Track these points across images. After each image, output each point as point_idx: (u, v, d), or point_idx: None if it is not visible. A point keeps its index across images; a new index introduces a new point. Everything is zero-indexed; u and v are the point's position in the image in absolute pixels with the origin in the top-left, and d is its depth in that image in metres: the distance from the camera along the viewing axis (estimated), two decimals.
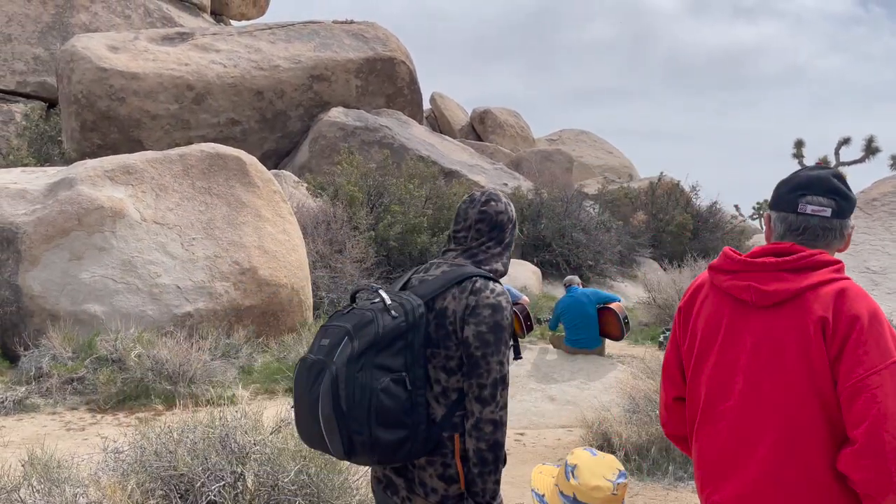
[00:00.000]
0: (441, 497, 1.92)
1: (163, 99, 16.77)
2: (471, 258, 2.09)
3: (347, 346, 1.84)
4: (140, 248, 8.94)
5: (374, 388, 1.83)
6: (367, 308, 1.93)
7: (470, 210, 2.13)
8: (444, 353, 1.94)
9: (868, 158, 27.01)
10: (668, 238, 18.44)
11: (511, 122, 26.82)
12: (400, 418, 1.85)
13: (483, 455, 1.88)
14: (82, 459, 3.40)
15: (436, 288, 1.98)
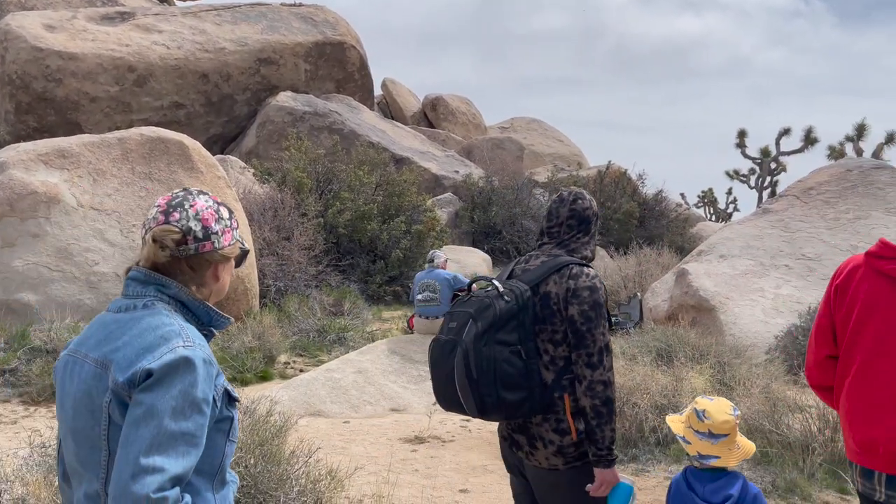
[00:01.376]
0: (557, 447, 2.30)
1: (102, 81, 16.23)
2: (564, 248, 2.46)
3: (473, 327, 2.26)
4: (76, 234, 8.65)
5: (497, 358, 2.24)
6: (484, 295, 2.34)
7: (561, 209, 2.51)
8: (551, 328, 2.32)
9: (807, 148, 27.88)
10: (615, 226, 18.69)
11: (463, 109, 26.79)
12: (519, 382, 2.26)
13: (598, 409, 2.25)
14: (7, 455, 3.26)
15: (539, 275, 2.37)
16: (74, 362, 1.49)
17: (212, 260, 1.55)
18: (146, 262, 1.53)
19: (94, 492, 1.44)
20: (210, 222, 1.54)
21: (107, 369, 1.41)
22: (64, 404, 1.49)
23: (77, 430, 1.45)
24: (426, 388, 6.89)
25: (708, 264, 10.04)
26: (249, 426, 3.61)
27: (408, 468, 4.95)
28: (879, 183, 10.98)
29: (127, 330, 1.45)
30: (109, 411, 1.39)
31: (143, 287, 1.51)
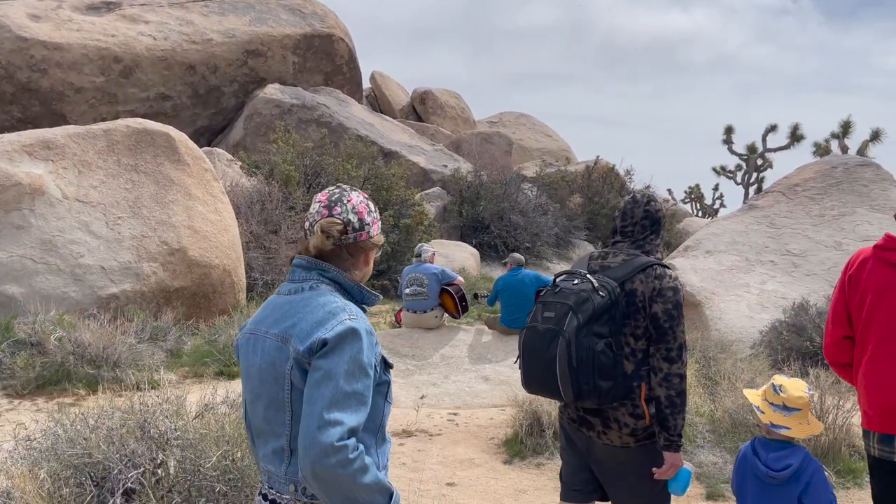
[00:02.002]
0: (631, 429, 2.55)
1: (88, 71, 16.07)
2: (639, 248, 2.67)
3: (573, 319, 2.46)
4: (61, 227, 8.57)
5: (595, 349, 2.46)
6: (579, 289, 2.53)
7: (636, 209, 2.72)
8: (633, 323, 2.54)
9: (793, 145, 28.07)
10: (602, 221, 18.77)
11: (452, 103, 26.75)
12: (611, 372, 2.49)
13: (673, 399, 2.48)
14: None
15: (625, 273, 2.57)
16: (256, 339, 1.73)
17: (365, 247, 1.79)
18: (314, 250, 1.76)
19: (280, 447, 1.69)
20: (364, 214, 1.78)
21: (287, 342, 1.65)
22: (250, 374, 1.74)
23: (264, 394, 1.70)
24: (413, 382, 6.91)
25: (694, 259, 10.11)
26: (236, 419, 3.61)
27: (395, 461, 4.96)
28: (864, 180, 11.08)
29: (300, 309, 1.68)
30: (291, 377, 1.63)
31: (306, 272, 1.75)
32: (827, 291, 9.27)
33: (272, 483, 1.70)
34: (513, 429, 5.37)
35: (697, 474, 4.75)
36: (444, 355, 7.26)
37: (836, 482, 4.58)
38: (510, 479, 4.73)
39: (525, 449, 5.10)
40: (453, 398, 6.63)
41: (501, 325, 7.62)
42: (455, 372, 7.03)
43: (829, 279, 9.58)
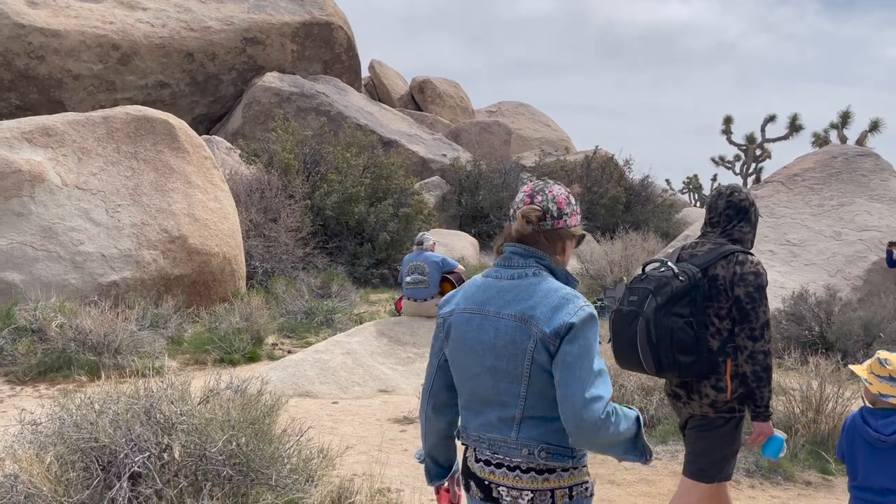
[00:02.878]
0: (711, 401, 2.83)
1: (86, 58, 15.99)
2: (727, 237, 2.92)
3: (652, 301, 2.74)
4: (61, 214, 8.56)
5: (673, 328, 2.73)
6: (661, 275, 2.81)
7: (719, 201, 2.96)
8: (717, 304, 2.81)
9: (792, 136, 28.05)
10: (601, 210, 18.78)
11: (451, 92, 26.67)
12: (690, 347, 2.75)
13: (759, 374, 2.76)
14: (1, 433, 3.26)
15: (708, 260, 2.84)
16: (484, 318, 1.87)
17: (562, 235, 1.92)
18: (516, 235, 1.91)
19: (510, 416, 1.84)
20: (563, 205, 1.92)
21: (528, 323, 1.80)
22: (476, 349, 1.88)
23: (498, 368, 1.84)
24: (414, 370, 6.93)
25: None
26: (241, 405, 3.62)
27: (396, 448, 4.98)
28: (863, 170, 11.09)
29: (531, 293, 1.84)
30: (534, 354, 1.79)
31: (524, 259, 1.89)
32: (826, 281, 9.30)
33: (496, 448, 1.85)
34: None
35: None
36: None
37: (835, 469, 4.61)
38: None
39: None
40: None
41: None
42: None
43: (827, 269, 9.61)
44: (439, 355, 2.01)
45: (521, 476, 1.83)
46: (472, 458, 1.92)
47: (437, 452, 2.07)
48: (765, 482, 4.51)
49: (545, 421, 1.82)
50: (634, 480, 4.53)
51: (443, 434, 2.04)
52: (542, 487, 1.82)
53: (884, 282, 9.41)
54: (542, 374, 1.80)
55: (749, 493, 4.40)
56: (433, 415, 2.03)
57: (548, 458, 1.81)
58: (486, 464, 1.87)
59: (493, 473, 1.86)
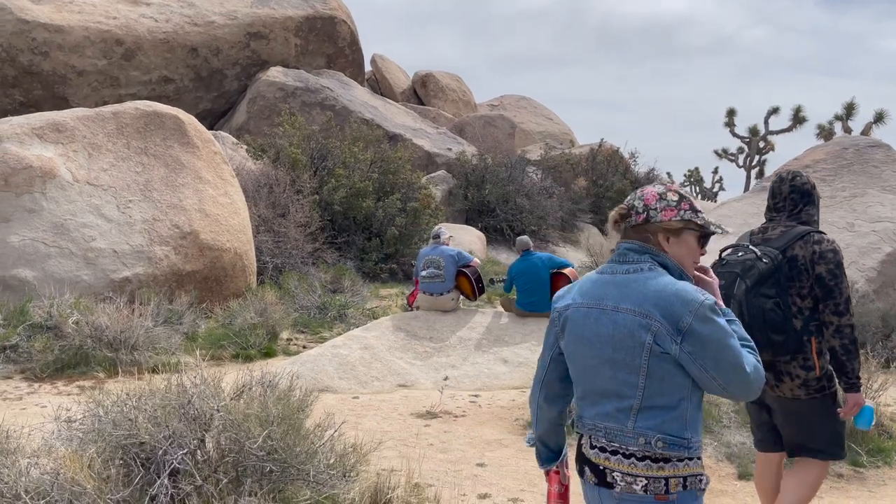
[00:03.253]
0: (802, 381, 2.93)
1: (90, 54, 15.91)
2: (796, 219, 3.06)
3: (741, 284, 2.86)
4: (73, 210, 8.51)
5: (764, 308, 2.86)
6: (745, 258, 2.94)
7: (782, 186, 3.13)
8: (798, 284, 2.94)
9: (795, 128, 28.02)
10: (607, 204, 18.69)
11: (453, 86, 26.59)
12: (780, 327, 2.87)
13: (847, 347, 2.89)
14: (32, 429, 3.22)
15: (785, 242, 2.98)
16: (602, 312, 1.95)
17: (651, 230, 1.99)
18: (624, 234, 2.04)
19: (627, 406, 1.91)
20: (650, 202, 2.01)
21: (646, 316, 1.88)
22: (594, 342, 1.96)
23: (616, 360, 1.92)
24: (432, 364, 6.90)
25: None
26: (274, 400, 3.58)
27: (422, 443, 4.96)
28: (874, 161, 11.05)
29: (648, 286, 1.91)
30: (652, 347, 1.86)
31: (639, 255, 1.97)
32: None
33: (612, 437, 1.93)
34: None
35: (727, 454, 4.76)
36: (462, 337, 7.25)
37: (866, 461, 4.59)
38: None
39: None
40: (473, 380, 6.62)
41: (518, 307, 7.60)
42: (473, 354, 7.02)
43: None
44: (553, 348, 2.11)
45: (636, 464, 1.90)
46: (586, 445, 2.01)
47: (548, 438, 2.22)
48: None
49: (662, 411, 1.89)
50: None
51: (554, 422, 2.18)
52: (657, 475, 1.89)
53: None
54: (660, 365, 1.87)
55: None
56: (545, 404, 2.16)
57: (664, 448, 1.88)
58: (602, 451, 1.96)
59: (609, 460, 1.94)
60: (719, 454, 4.76)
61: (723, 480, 4.41)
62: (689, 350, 1.85)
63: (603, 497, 1.96)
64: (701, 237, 2.04)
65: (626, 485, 1.91)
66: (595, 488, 1.98)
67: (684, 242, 2.00)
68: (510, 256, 15.54)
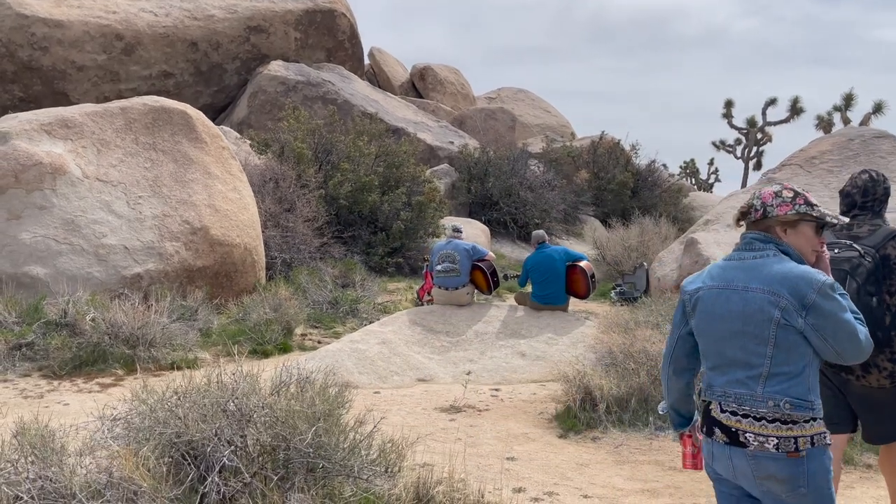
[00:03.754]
0: (889, 372, 3.07)
1: (89, 49, 15.79)
2: (880, 218, 3.21)
3: (852, 282, 3.02)
4: (83, 206, 8.47)
5: (871, 305, 3.03)
6: (850, 257, 3.08)
7: (876, 187, 3.25)
8: (889, 282, 3.06)
9: (793, 118, 28.06)
10: (608, 196, 18.74)
11: (452, 79, 26.52)
12: (881, 322, 3.05)
13: None
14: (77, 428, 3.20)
15: (879, 241, 3.09)
16: (732, 292, 2.26)
17: (770, 223, 2.31)
18: (753, 226, 2.34)
19: (757, 374, 2.20)
20: (767, 199, 2.33)
21: (774, 294, 2.18)
22: (724, 317, 2.26)
23: (746, 332, 2.21)
24: (450, 359, 6.90)
25: (716, 233, 10.10)
26: (311, 396, 3.58)
27: (449, 437, 4.96)
28: (881, 152, 11.08)
29: (775, 269, 2.22)
30: (780, 321, 2.16)
31: (763, 244, 2.28)
32: None
33: (741, 401, 2.21)
34: (564, 404, 5.37)
35: None
36: (478, 331, 7.25)
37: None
38: (569, 453, 4.74)
39: (579, 423, 5.11)
40: (492, 374, 6.63)
41: (532, 300, 7.61)
42: (490, 348, 7.02)
43: None
44: (680, 327, 2.42)
45: (766, 425, 2.17)
46: (716, 410, 2.27)
47: (679, 406, 2.52)
48: None
49: (789, 377, 2.16)
50: None
51: (682, 392, 2.48)
52: (787, 435, 2.15)
53: None
54: (786, 336, 2.16)
55: None
56: (674, 376, 2.47)
57: (791, 410, 2.15)
58: (733, 414, 2.23)
59: (740, 422, 2.21)
60: None
61: None
62: (812, 322, 2.14)
63: (734, 455, 2.20)
64: (818, 227, 2.32)
65: (758, 444, 2.16)
66: (726, 447, 2.23)
67: (801, 233, 2.30)
68: (514, 249, 15.55)
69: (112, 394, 5.83)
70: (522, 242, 16.05)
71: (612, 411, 5.17)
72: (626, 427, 5.07)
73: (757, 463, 2.17)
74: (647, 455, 4.70)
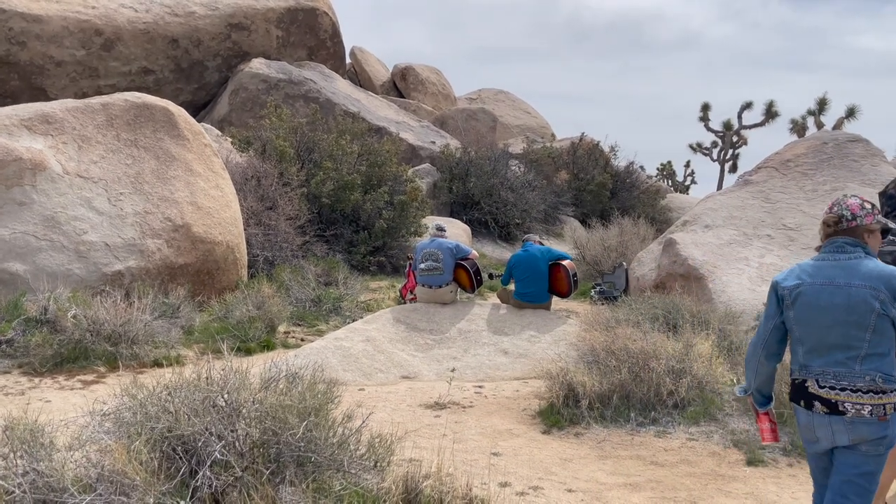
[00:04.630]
0: None
1: (68, 44, 15.62)
2: None
3: None
4: (64, 203, 8.40)
5: None
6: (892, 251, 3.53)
7: None
8: None
9: (768, 122, 28.45)
10: (588, 197, 18.90)
11: (433, 79, 26.56)
12: None
13: None
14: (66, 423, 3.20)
15: None
16: (835, 287, 2.78)
17: (858, 231, 2.81)
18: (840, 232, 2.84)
19: (855, 355, 2.72)
20: (855, 210, 2.83)
21: (873, 289, 2.70)
22: (828, 309, 2.77)
23: (849, 321, 2.73)
24: (434, 356, 6.95)
25: (694, 234, 10.26)
26: (300, 391, 3.61)
27: (435, 433, 5.01)
28: (854, 155, 11.32)
29: (869, 268, 2.74)
30: (878, 310, 2.69)
31: (854, 247, 2.79)
32: None
33: (840, 378, 2.74)
34: (547, 400, 5.45)
35: (734, 441, 4.89)
36: (462, 329, 7.31)
37: None
38: (553, 448, 4.82)
39: (562, 419, 5.19)
40: (475, 371, 6.69)
41: (515, 298, 7.68)
42: (474, 346, 7.08)
43: None
44: (775, 317, 2.92)
45: (862, 396, 2.69)
46: (813, 386, 2.79)
47: (763, 387, 3.02)
48: (802, 460, 4.62)
49: (881, 357, 2.70)
50: (676, 461, 4.62)
51: (769, 375, 2.98)
52: (878, 403, 2.68)
53: None
54: (882, 324, 2.69)
55: (788, 472, 4.51)
56: (765, 360, 2.96)
57: (883, 383, 2.69)
58: (832, 388, 2.75)
59: (839, 395, 2.73)
60: (726, 441, 4.89)
61: (733, 467, 4.53)
62: None
63: (834, 422, 2.74)
64: (883, 232, 2.89)
65: (855, 411, 2.68)
66: (825, 416, 2.75)
67: (875, 238, 2.85)
68: (495, 249, 15.64)
69: (95, 391, 5.81)
70: (503, 242, 16.14)
71: (595, 407, 5.26)
72: (608, 423, 5.16)
73: (854, 427, 2.69)
74: (628, 450, 4.78)
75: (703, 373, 5.52)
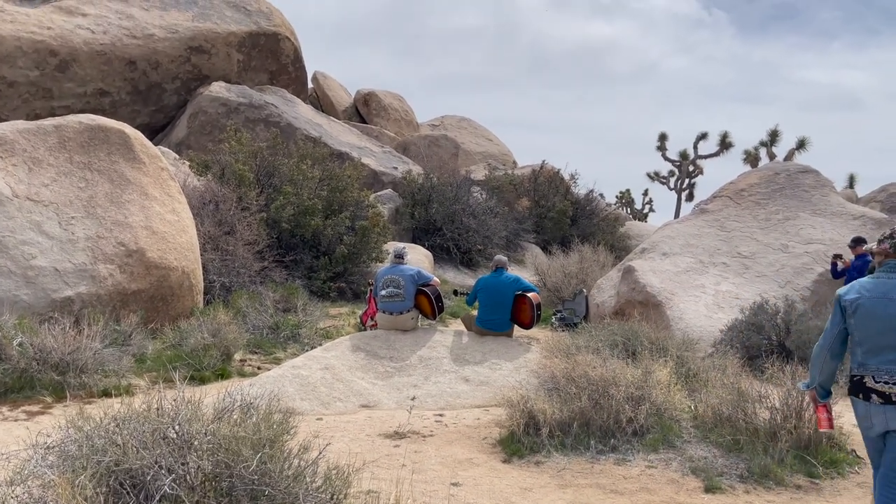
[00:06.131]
0: None
1: (21, 64, 15.29)
2: None
3: None
4: (12, 226, 8.14)
5: None
6: None
7: None
8: None
9: (723, 152, 29.23)
10: (549, 224, 19.08)
11: (396, 105, 26.67)
12: None
13: None
14: (6, 458, 3.05)
15: None
16: (889, 301, 3.41)
17: None
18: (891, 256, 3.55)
19: None
20: None
21: None
22: (883, 318, 3.41)
23: None
24: (394, 384, 6.87)
25: (652, 261, 10.40)
26: (255, 422, 3.51)
27: (394, 463, 4.93)
28: (805, 186, 11.66)
29: None
30: None
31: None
32: (777, 292, 9.71)
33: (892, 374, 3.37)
34: (508, 428, 5.41)
35: (692, 468, 4.90)
36: (423, 357, 7.24)
37: (822, 472, 4.81)
38: (513, 477, 4.77)
39: (523, 448, 5.15)
40: (436, 399, 6.62)
41: (477, 325, 7.66)
42: (435, 373, 7.02)
43: (777, 280, 10.04)
44: (839, 324, 3.55)
45: None
46: (870, 381, 3.42)
47: (825, 383, 3.67)
48: (758, 487, 4.66)
49: None
50: (636, 489, 4.61)
51: (831, 372, 3.65)
52: None
53: (830, 292, 9.88)
54: None
55: (745, 499, 4.54)
56: (829, 359, 3.61)
57: None
58: (886, 383, 3.38)
59: (892, 388, 3.37)
60: (684, 469, 4.90)
61: (691, 494, 4.54)
62: None
63: (887, 411, 3.35)
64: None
65: None
66: (881, 406, 3.37)
67: None
68: (457, 275, 15.63)
69: (39, 422, 5.58)
70: (465, 268, 16.15)
71: (555, 435, 5.23)
72: (569, 451, 5.13)
73: None
74: (588, 478, 4.76)
75: (661, 399, 5.55)
